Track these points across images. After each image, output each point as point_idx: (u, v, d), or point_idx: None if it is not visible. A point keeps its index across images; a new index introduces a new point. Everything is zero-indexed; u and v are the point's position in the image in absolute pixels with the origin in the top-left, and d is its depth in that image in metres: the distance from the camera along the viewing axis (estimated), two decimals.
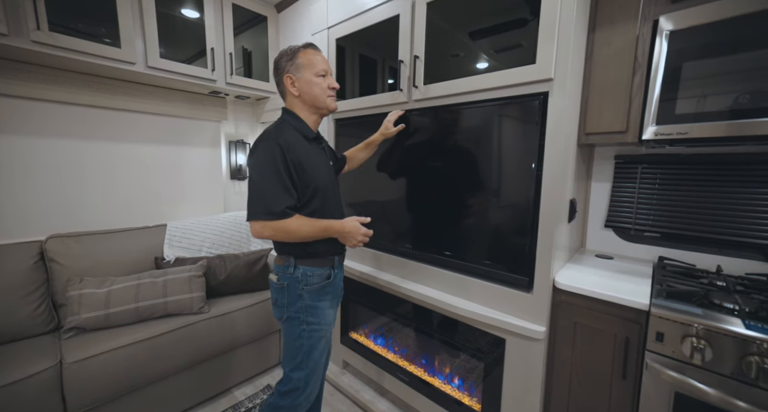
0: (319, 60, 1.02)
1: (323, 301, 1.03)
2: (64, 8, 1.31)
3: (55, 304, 1.40)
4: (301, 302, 1.00)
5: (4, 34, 1.20)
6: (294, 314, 1.01)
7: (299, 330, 1.01)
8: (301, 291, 1.00)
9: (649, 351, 0.85)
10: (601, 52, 1.07)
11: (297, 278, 1.00)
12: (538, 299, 1.04)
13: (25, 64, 1.45)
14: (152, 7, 1.55)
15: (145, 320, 1.41)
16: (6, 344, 1.23)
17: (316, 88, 1.00)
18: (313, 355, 1.02)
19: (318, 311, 1.02)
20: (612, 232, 1.34)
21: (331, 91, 1.03)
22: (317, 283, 1.02)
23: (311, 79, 1.00)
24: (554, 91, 0.98)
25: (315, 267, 1.02)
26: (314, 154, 1.01)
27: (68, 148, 1.64)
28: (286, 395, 1.03)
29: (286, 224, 0.92)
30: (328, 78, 1.03)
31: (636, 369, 0.90)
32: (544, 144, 1.01)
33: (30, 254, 1.38)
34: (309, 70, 1.00)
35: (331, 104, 1.04)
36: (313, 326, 1.01)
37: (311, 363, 1.02)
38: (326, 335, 1.06)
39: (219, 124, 2.20)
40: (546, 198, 1.02)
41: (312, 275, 1.01)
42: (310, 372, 1.02)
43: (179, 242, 1.75)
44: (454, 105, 1.22)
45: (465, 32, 1.17)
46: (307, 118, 1.04)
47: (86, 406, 1.17)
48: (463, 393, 1.28)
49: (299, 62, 1.00)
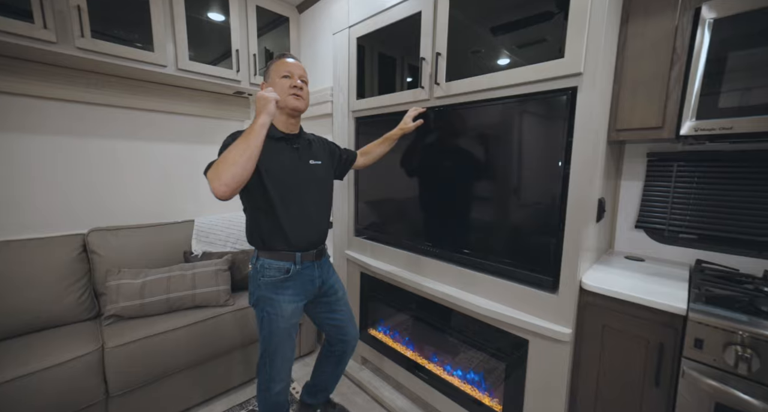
0: (285, 63, 1.10)
1: (281, 295, 1.09)
2: (103, 16, 1.40)
3: (96, 293, 1.50)
4: (259, 292, 1.10)
5: (53, 42, 1.29)
6: (255, 301, 1.12)
7: (261, 316, 1.12)
8: (259, 281, 1.09)
9: (687, 358, 0.81)
10: (635, 45, 1.02)
11: (257, 268, 1.10)
12: (563, 300, 1.02)
13: (68, 69, 1.56)
14: (182, 12, 1.62)
15: (175, 311, 1.48)
16: (54, 329, 1.34)
17: (277, 88, 1.06)
18: (273, 340, 1.11)
19: (275, 303, 1.09)
20: (643, 233, 1.28)
21: (291, 89, 1.06)
22: (274, 276, 1.08)
23: (275, 81, 1.08)
24: (583, 87, 0.95)
25: (273, 260, 1.08)
26: (278, 151, 1.07)
27: (105, 148, 1.75)
28: (260, 369, 1.17)
29: (214, 162, 0.90)
30: (292, 79, 1.08)
31: (671, 376, 0.85)
32: (571, 141, 0.98)
33: (74, 246, 1.48)
34: (276, 74, 1.08)
35: (292, 102, 1.07)
36: (271, 315, 1.09)
37: (272, 346, 1.11)
38: (284, 327, 1.10)
39: (242, 123, 2.27)
40: (573, 197, 0.99)
41: (269, 268, 1.08)
42: (273, 352, 1.11)
43: (206, 237, 1.82)
44: (476, 102, 1.20)
45: (487, 28, 1.15)
46: (276, 120, 1.09)
47: (125, 388, 1.26)
48: (483, 393, 1.27)
49: (270, 69, 1.11)
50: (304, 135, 1.19)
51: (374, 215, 1.68)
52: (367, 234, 1.72)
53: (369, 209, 1.70)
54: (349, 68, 1.66)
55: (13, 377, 1.06)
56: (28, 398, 1.07)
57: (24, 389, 1.07)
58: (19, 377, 1.07)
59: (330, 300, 1.24)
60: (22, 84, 1.46)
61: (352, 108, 1.68)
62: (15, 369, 1.08)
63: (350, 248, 1.77)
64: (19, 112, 1.51)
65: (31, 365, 1.11)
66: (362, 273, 1.71)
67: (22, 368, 1.09)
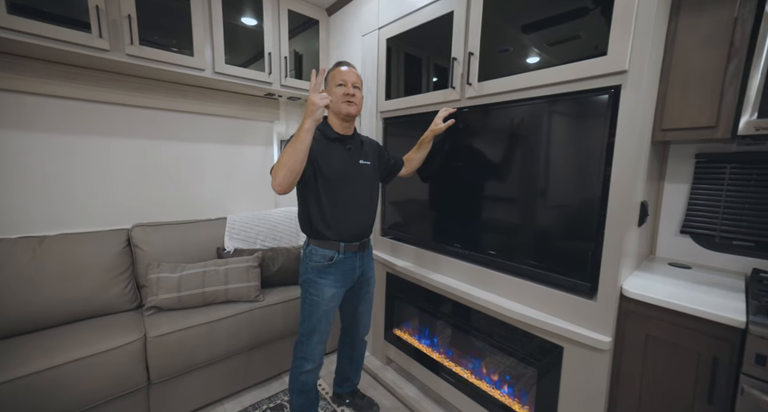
0: (340, 72, 1.19)
1: (324, 279, 1.21)
2: (149, 24, 1.48)
3: (138, 285, 1.60)
4: (306, 274, 1.23)
5: (107, 49, 1.38)
6: (302, 282, 1.25)
7: (304, 296, 1.24)
8: (307, 265, 1.22)
9: (746, 375, 0.76)
10: (686, 39, 0.96)
11: (306, 253, 1.24)
12: (602, 306, 0.97)
13: (118, 74, 1.67)
14: (220, 18, 1.69)
15: (209, 305, 1.55)
16: (102, 317, 1.43)
17: (333, 96, 1.18)
18: (312, 318, 1.22)
19: (318, 285, 1.21)
20: (689, 238, 1.21)
21: (344, 97, 1.16)
22: (319, 262, 1.20)
23: (332, 89, 1.19)
24: (628, 85, 0.90)
25: (319, 247, 1.20)
26: (331, 150, 1.18)
27: (147, 148, 1.85)
28: (296, 346, 1.28)
29: (274, 165, 1.06)
30: (345, 87, 1.17)
31: (726, 394, 0.80)
32: (613, 142, 0.94)
33: (120, 240, 1.58)
34: (332, 82, 1.19)
35: (345, 109, 1.18)
36: (314, 295, 1.21)
37: (311, 324, 1.23)
38: (324, 309, 1.22)
39: (272, 124, 2.34)
40: (614, 200, 0.95)
41: (315, 254, 1.21)
42: (311, 330, 1.23)
43: (237, 234, 1.89)
44: (509, 102, 1.18)
45: (519, 26, 1.12)
46: (333, 122, 1.23)
47: (164, 376, 1.33)
48: (513, 399, 1.24)
49: (328, 78, 1.22)
50: (358, 136, 1.28)
51: (400, 215, 1.69)
52: (393, 234, 1.72)
53: (395, 209, 1.70)
54: (378, 69, 1.68)
55: (71, 359, 1.15)
56: (84, 379, 1.15)
57: (80, 371, 1.15)
58: (75, 360, 1.15)
59: (361, 291, 1.35)
60: (78, 89, 1.58)
61: (380, 109, 1.69)
62: (72, 352, 1.17)
63: (376, 247, 1.78)
64: (60, 114, 1.63)
65: (85, 348, 1.19)
66: (388, 273, 1.72)
67: (78, 351, 1.18)
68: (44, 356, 1.13)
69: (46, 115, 1.56)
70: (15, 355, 1.14)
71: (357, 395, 1.55)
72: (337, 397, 1.57)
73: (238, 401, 1.56)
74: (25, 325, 1.28)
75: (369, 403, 1.52)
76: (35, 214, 1.56)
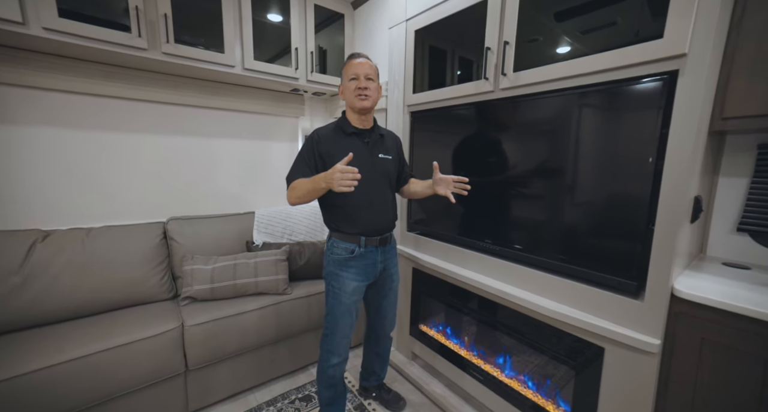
0: (352, 65, 1.18)
1: (345, 272, 1.21)
2: (182, 22, 1.52)
3: (173, 276, 1.66)
4: (329, 267, 1.24)
5: (145, 48, 1.43)
6: (325, 274, 1.27)
7: (328, 288, 1.26)
8: (329, 258, 1.24)
9: None
10: (756, 18, 0.87)
11: (328, 246, 1.25)
12: (650, 307, 0.92)
13: (152, 73, 1.72)
14: (249, 16, 1.71)
15: (239, 297, 1.59)
16: (141, 306, 1.50)
17: (347, 91, 1.19)
18: (335, 312, 1.23)
19: (340, 278, 1.21)
20: (747, 237, 1.12)
21: (356, 90, 1.16)
22: (340, 254, 1.21)
23: (346, 83, 1.20)
24: (687, 70, 0.84)
25: (341, 240, 1.21)
26: (348, 146, 1.17)
27: (177, 144, 1.91)
28: (323, 339, 1.29)
29: (292, 184, 1.16)
30: (358, 81, 1.17)
31: None
32: (666, 132, 0.88)
33: (157, 233, 1.65)
34: (346, 77, 1.20)
35: (358, 103, 1.17)
36: (336, 288, 1.22)
37: (333, 318, 1.24)
38: (346, 303, 1.22)
39: (297, 119, 2.36)
40: (666, 194, 0.89)
41: (337, 247, 1.22)
42: (334, 323, 1.23)
43: (265, 228, 1.93)
44: (547, 92, 1.12)
45: (557, 12, 1.07)
46: (350, 116, 1.23)
47: (200, 363, 1.38)
48: (547, 400, 1.21)
49: (342, 72, 1.22)
50: (378, 130, 1.27)
51: (427, 210, 1.66)
52: (420, 229, 1.71)
53: (421, 205, 1.68)
54: (406, 62, 1.65)
55: (118, 344, 1.21)
56: (129, 364, 1.22)
57: (125, 356, 1.21)
58: (122, 344, 1.22)
59: (384, 287, 1.34)
60: (116, 87, 1.65)
61: (407, 102, 1.67)
62: (119, 338, 1.23)
63: (402, 243, 1.77)
64: (99, 112, 1.70)
65: (130, 334, 1.25)
66: (414, 268, 1.71)
67: (124, 336, 1.24)
68: (96, 340, 1.20)
69: (87, 113, 1.63)
70: (71, 338, 1.21)
71: (383, 389, 1.56)
72: (364, 390, 1.58)
73: (268, 390, 1.60)
74: (73, 311, 1.36)
75: (396, 397, 1.53)
76: (78, 207, 1.65)
